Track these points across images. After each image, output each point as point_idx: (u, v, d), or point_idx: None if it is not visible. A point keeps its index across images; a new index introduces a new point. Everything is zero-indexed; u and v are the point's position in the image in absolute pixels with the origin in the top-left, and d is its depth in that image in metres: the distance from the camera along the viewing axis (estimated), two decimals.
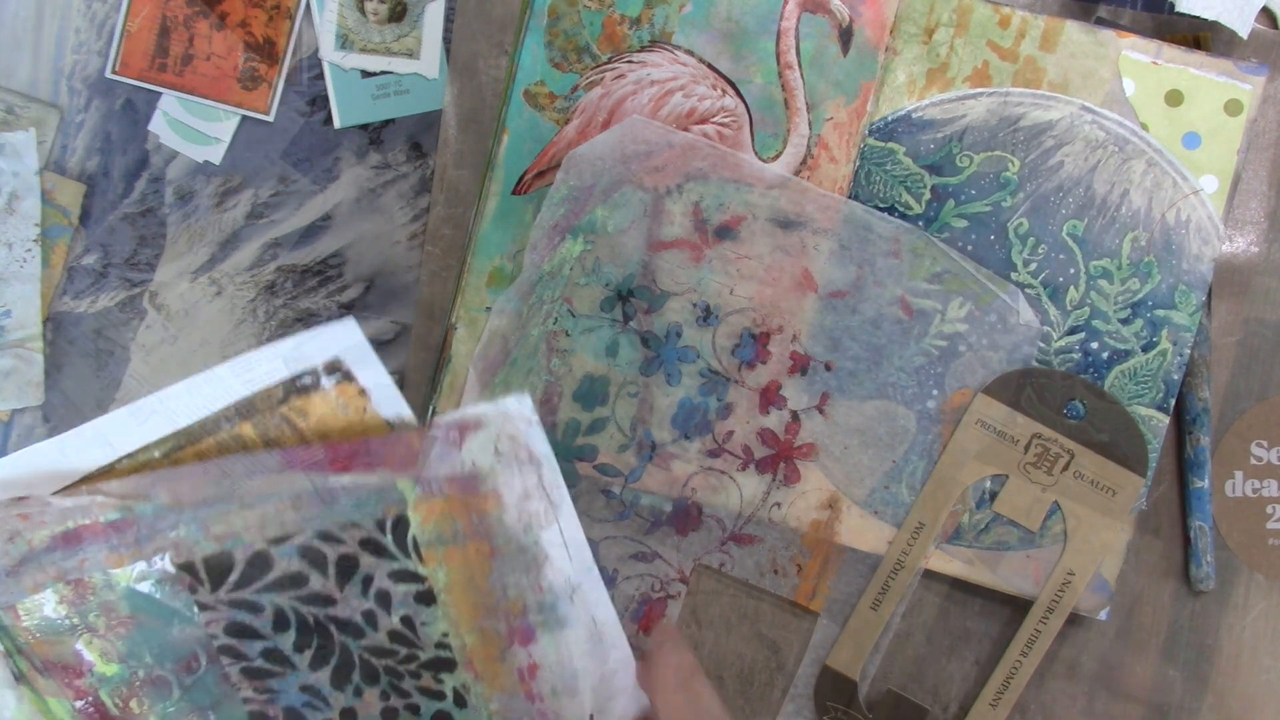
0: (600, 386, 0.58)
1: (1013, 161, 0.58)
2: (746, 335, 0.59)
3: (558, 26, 0.58)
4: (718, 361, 0.59)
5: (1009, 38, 0.58)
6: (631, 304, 0.59)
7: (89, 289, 0.61)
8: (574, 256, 0.58)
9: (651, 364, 0.59)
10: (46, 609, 0.47)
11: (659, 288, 0.58)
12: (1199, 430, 0.59)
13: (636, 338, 0.59)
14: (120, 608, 0.48)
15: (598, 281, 0.58)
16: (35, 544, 0.47)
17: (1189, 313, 0.58)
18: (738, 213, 0.58)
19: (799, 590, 0.60)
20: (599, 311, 0.59)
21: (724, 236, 0.58)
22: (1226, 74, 0.57)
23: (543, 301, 0.58)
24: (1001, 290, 0.58)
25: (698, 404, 0.59)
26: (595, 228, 0.58)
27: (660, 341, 0.59)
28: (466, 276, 0.59)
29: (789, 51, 0.58)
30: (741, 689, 0.61)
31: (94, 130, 0.61)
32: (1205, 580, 0.60)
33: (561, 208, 0.58)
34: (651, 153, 0.58)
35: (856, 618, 0.59)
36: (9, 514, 0.46)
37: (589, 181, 0.57)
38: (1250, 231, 0.60)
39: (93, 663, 0.48)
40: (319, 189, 0.60)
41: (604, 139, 0.57)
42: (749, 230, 0.58)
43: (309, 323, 0.60)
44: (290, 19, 0.59)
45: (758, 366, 0.59)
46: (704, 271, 0.58)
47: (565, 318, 0.59)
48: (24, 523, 0.46)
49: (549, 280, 0.58)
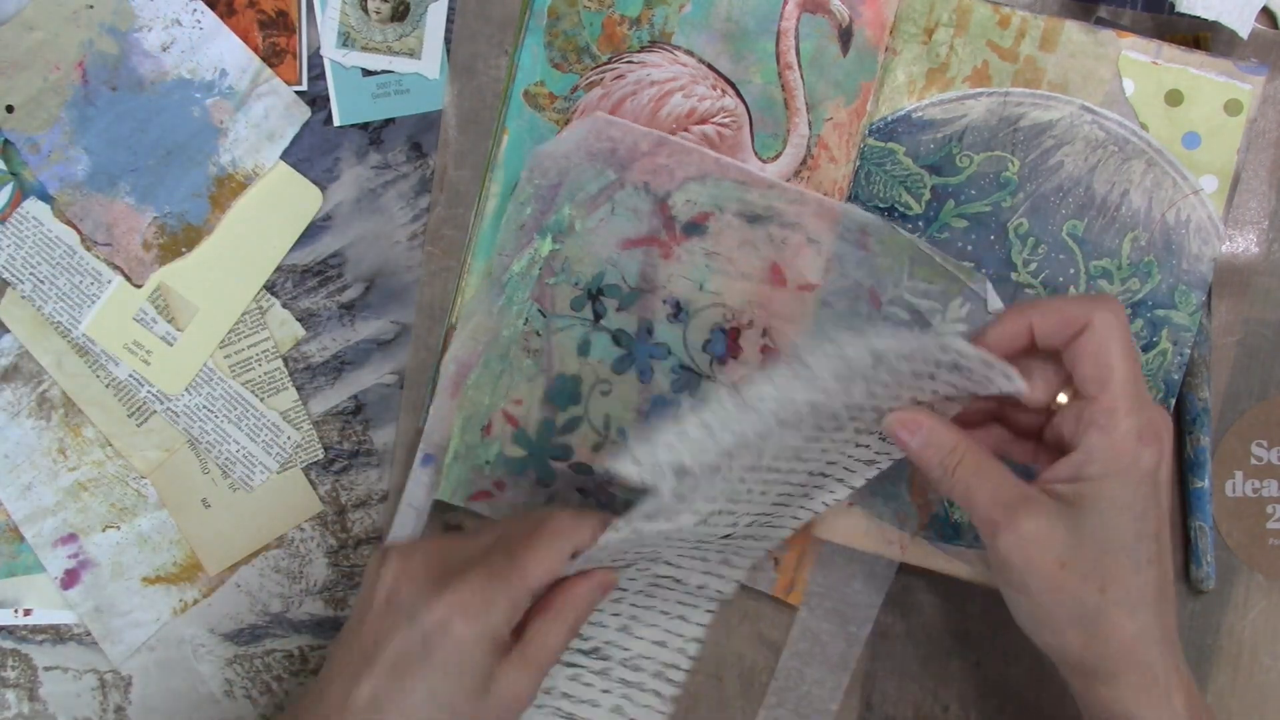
0: (573, 385, 0.58)
1: (1013, 161, 0.58)
2: (717, 331, 0.58)
3: (558, 27, 0.58)
4: (689, 358, 0.59)
5: (1009, 38, 0.58)
6: (602, 302, 0.59)
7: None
8: (543, 256, 0.58)
9: (623, 362, 0.59)
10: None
11: (629, 285, 0.58)
12: (1199, 430, 0.59)
13: (608, 336, 0.59)
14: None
15: (568, 280, 0.58)
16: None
17: (1189, 313, 0.58)
18: (705, 209, 0.58)
19: (776, 584, 0.60)
20: (570, 310, 0.59)
21: (692, 233, 0.58)
22: (1226, 74, 0.57)
23: (513, 302, 0.58)
24: (969, 279, 0.57)
25: (671, 400, 0.59)
26: (564, 227, 0.58)
27: (631, 339, 0.59)
28: (466, 276, 0.59)
29: (789, 52, 0.58)
30: (741, 689, 0.61)
31: None
32: (1205, 580, 0.60)
33: (528, 207, 0.58)
34: (616, 149, 0.58)
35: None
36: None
37: (554, 180, 0.58)
38: (1250, 231, 0.60)
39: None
40: (319, 189, 0.60)
41: (567, 136, 0.57)
42: (717, 225, 0.58)
43: (309, 323, 0.60)
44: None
45: (729, 362, 0.59)
46: (673, 268, 0.58)
47: (536, 317, 0.58)
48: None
49: (519, 280, 0.58)
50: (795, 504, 0.54)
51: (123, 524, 0.60)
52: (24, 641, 0.60)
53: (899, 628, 0.60)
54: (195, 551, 0.60)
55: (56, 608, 0.60)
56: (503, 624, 0.50)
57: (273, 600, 0.61)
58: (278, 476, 0.60)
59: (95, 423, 0.60)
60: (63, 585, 0.60)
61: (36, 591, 0.60)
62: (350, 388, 0.61)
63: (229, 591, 0.60)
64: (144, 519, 0.60)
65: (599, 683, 0.56)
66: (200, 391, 0.60)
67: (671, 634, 0.56)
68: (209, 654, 0.61)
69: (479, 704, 0.49)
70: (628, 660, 0.56)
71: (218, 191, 0.59)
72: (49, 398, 0.60)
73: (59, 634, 0.60)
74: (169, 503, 0.60)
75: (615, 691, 0.56)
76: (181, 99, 0.59)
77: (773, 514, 0.54)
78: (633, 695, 0.56)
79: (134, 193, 0.59)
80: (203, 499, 0.60)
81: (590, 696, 0.56)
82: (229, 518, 0.60)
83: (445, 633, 0.49)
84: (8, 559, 0.60)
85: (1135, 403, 0.48)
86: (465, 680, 0.49)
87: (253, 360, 0.60)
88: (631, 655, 0.56)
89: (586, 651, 0.56)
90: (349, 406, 0.61)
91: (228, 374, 0.60)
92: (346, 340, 0.61)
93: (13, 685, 0.60)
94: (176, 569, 0.60)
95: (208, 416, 0.60)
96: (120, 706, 0.60)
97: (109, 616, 0.60)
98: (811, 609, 0.60)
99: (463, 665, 0.49)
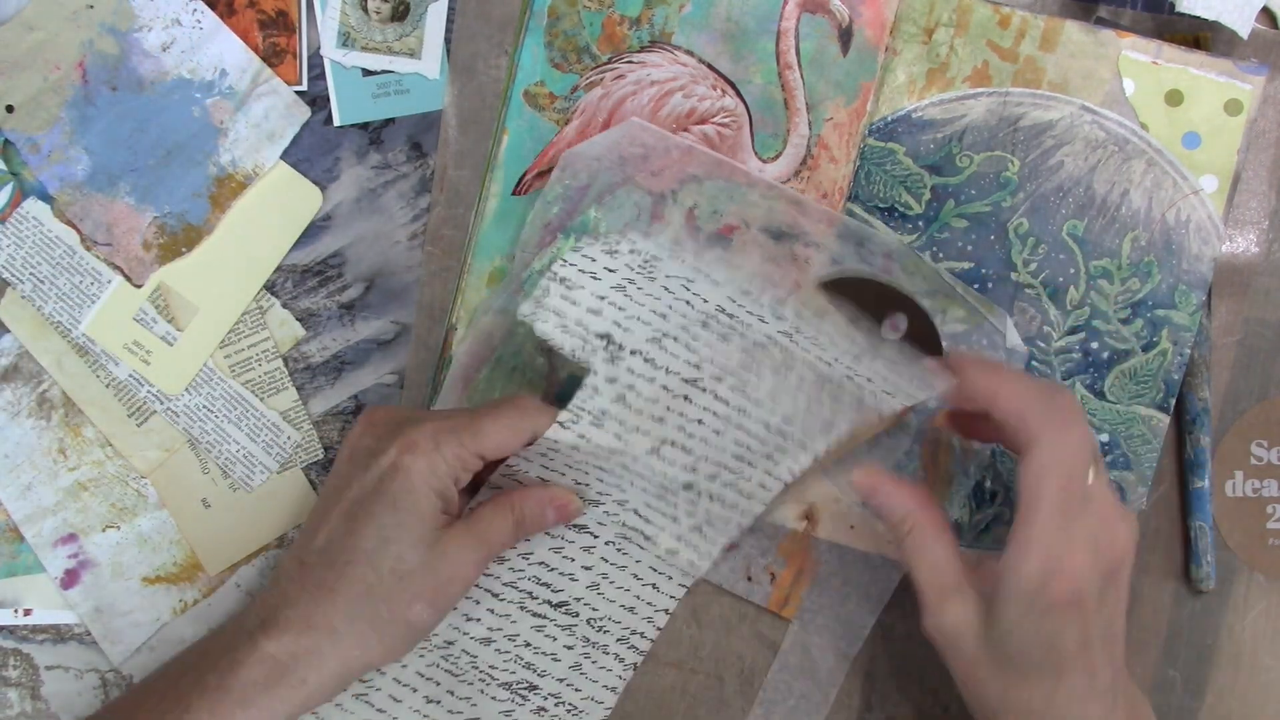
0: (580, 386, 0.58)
1: (1013, 161, 0.58)
2: None
3: (558, 27, 0.58)
4: None
5: (1009, 38, 0.58)
6: None
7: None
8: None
9: None
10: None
11: None
12: (1199, 430, 0.59)
13: None
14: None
15: None
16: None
17: (1189, 313, 0.58)
18: (731, 222, 0.58)
19: (771, 598, 0.60)
20: None
21: (715, 245, 0.58)
22: (1226, 74, 0.57)
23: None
24: (990, 314, 0.58)
25: None
26: (588, 228, 0.58)
27: None
28: (466, 277, 0.59)
29: (789, 52, 0.58)
30: (741, 689, 0.61)
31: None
32: (1205, 580, 0.60)
33: (555, 206, 0.58)
34: (649, 156, 0.57)
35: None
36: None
37: (584, 181, 0.57)
38: (1250, 231, 0.60)
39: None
40: (319, 189, 0.60)
41: (602, 139, 0.57)
42: (741, 240, 0.58)
43: (309, 323, 0.60)
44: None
45: None
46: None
47: None
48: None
49: (537, 278, 0.58)
50: (759, 465, 0.56)
51: (123, 524, 0.60)
52: (25, 641, 0.60)
53: (899, 628, 0.60)
54: (195, 551, 0.60)
55: (56, 608, 0.60)
56: (447, 473, 0.51)
57: None
58: (278, 476, 0.60)
59: (95, 423, 0.60)
60: (63, 585, 0.60)
61: (36, 591, 0.60)
62: (350, 388, 0.61)
63: (229, 591, 0.60)
64: (144, 519, 0.60)
65: (562, 637, 0.58)
66: (200, 391, 0.60)
67: (641, 601, 0.58)
68: None
69: (426, 557, 0.50)
70: (594, 620, 0.58)
71: (218, 191, 0.59)
72: (49, 398, 0.60)
73: (60, 634, 0.60)
74: (169, 503, 0.60)
75: (577, 648, 0.58)
76: (181, 99, 0.59)
77: (736, 471, 0.56)
78: (594, 655, 0.58)
79: (134, 193, 0.59)
80: (203, 499, 0.60)
81: (552, 650, 0.57)
82: (229, 518, 0.60)
83: (395, 470, 0.51)
84: (8, 559, 0.60)
85: (1048, 545, 0.49)
86: (412, 522, 0.50)
87: (253, 360, 0.60)
88: (599, 616, 0.58)
89: (555, 605, 0.57)
90: (349, 406, 0.61)
91: (228, 374, 0.60)
92: (346, 340, 0.61)
93: (15, 684, 0.60)
94: (176, 569, 0.60)
95: (208, 416, 0.60)
96: None
97: (109, 616, 0.60)
98: (804, 624, 0.60)
99: (411, 505, 0.50)
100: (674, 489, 0.56)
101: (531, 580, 0.57)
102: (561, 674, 0.58)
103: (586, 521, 0.57)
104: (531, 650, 0.57)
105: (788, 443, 0.55)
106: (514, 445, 0.53)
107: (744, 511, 0.57)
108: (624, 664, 0.58)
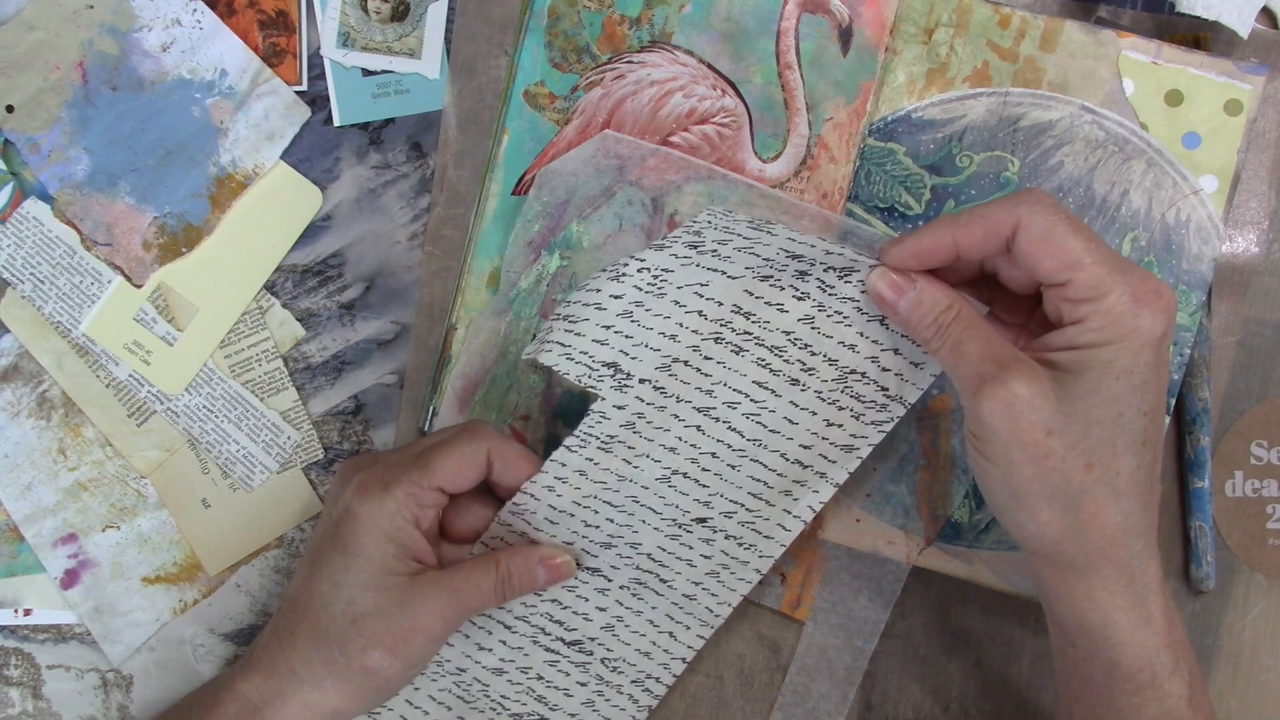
0: (580, 402, 0.58)
1: (1013, 161, 0.58)
2: None
3: (558, 27, 0.58)
4: None
5: (1009, 38, 0.58)
6: None
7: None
8: (550, 273, 0.58)
9: None
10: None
11: None
12: (1199, 430, 0.59)
13: None
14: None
15: None
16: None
17: (1189, 313, 0.58)
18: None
19: (784, 600, 0.60)
20: None
21: None
22: (1226, 74, 0.57)
23: (520, 318, 0.58)
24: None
25: None
26: (571, 243, 0.58)
27: None
28: (466, 277, 0.59)
29: (789, 52, 0.58)
30: (741, 689, 0.61)
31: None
32: (1205, 580, 0.60)
33: (536, 224, 0.58)
34: (624, 167, 0.57)
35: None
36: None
37: (562, 197, 0.57)
38: (1250, 231, 0.60)
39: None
40: (319, 189, 0.60)
41: (576, 154, 0.57)
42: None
43: (309, 323, 0.61)
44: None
45: None
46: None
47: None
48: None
49: (525, 297, 0.58)
50: (778, 503, 0.54)
51: (123, 524, 0.60)
52: (26, 640, 0.60)
53: (899, 628, 0.60)
54: (195, 551, 0.60)
55: (56, 608, 0.60)
56: (399, 513, 0.50)
57: (273, 600, 0.61)
58: (278, 476, 0.60)
59: (95, 423, 0.60)
60: (63, 585, 0.60)
61: (36, 591, 0.60)
62: (350, 388, 0.61)
63: (229, 591, 0.61)
64: (144, 519, 0.60)
65: (576, 673, 0.57)
66: (200, 391, 0.60)
67: (658, 648, 0.56)
68: (209, 654, 0.61)
69: (380, 603, 0.50)
70: (609, 660, 0.56)
71: (218, 191, 0.59)
72: (49, 398, 0.60)
73: (60, 633, 0.60)
74: (169, 503, 0.60)
75: (590, 685, 0.57)
76: (181, 99, 0.59)
77: (754, 510, 0.54)
78: (608, 694, 0.57)
79: (134, 193, 0.59)
80: (203, 499, 0.60)
81: (565, 685, 0.57)
82: (229, 518, 0.60)
83: (346, 515, 0.51)
84: (8, 559, 0.60)
85: (1118, 267, 0.45)
86: (361, 565, 0.50)
87: (253, 360, 0.60)
88: (614, 657, 0.56)
89: (569, 642, 0.56)
90: (349, 406, 0.61)
91: (228, 374, 0.60)
92: (346, 340, 0.61)
93: (16, 684, 0.60)
94: (176, 569, 0.60)
95: (208, 416, 0.60)
96: (123, 705, 0.60)
97: (109, 616, 0.60)
98: (818, 624, 0.60)
99: (359, 549, 0.50)
100: (688, 524, 0.54)
101: (544, 616, 0.55)
102: (574, 709, 0.57)
103: (599, 565, 0.55)
104: (544, 684, 0.56)
105: (807, 473, 0.53)
106: (470, 473, 0.52)
107: (762, 554, 0.55)
108: (638, 705, 0.57)
